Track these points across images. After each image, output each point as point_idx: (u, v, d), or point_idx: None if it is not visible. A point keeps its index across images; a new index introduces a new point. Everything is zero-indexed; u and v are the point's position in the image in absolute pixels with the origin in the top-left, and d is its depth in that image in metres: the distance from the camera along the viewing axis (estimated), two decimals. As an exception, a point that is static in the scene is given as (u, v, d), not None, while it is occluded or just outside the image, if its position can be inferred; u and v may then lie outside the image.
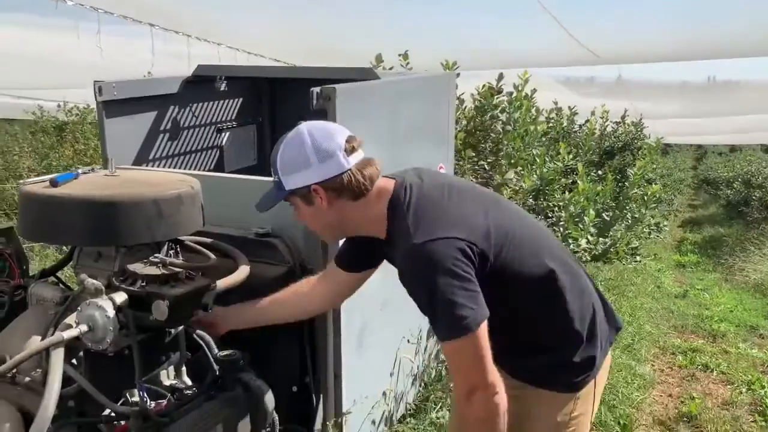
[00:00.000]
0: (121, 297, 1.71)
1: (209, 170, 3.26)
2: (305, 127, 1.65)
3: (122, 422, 1.69)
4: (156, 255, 1.86)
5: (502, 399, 1.57)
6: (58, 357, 1.57)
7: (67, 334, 1.60)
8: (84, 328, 1.64)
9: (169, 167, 3.01)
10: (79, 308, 1.68)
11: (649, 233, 6.81)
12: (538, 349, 1.75)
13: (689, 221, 15.25)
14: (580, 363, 1.73)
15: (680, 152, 23.38)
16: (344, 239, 1.92)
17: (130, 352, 1.71)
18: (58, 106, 9.06)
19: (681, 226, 14.32)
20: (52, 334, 1.64)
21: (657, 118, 10.38)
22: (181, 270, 1.83)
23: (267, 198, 1.75)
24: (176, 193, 1.88)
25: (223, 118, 3.39)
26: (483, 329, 1.53)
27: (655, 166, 8.60)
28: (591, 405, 1.81)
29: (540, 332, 1.74)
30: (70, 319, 1.70)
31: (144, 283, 1.76)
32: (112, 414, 1.69)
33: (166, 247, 2.10)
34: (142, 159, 2.85)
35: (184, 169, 3.12)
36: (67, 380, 1.67)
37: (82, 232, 1.78)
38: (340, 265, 1.95)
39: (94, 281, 1.69)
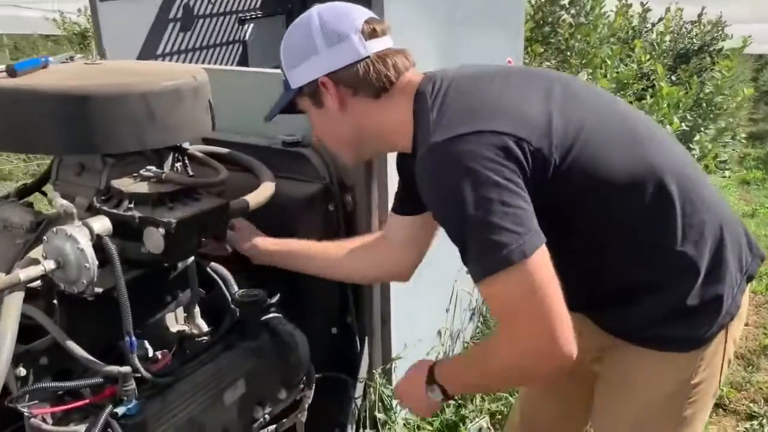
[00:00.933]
0: (100, 223, 1.28)
1: (230, 70, 2.78)
2: (316, 8, 1.31)
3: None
4: (149, 167, 1.41)
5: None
6: (12, 302, 1.17)
7: (25, 275, 1.19)
8: (50, 264, 1.22)
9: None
10: (45, 238, 1.26)
11: (724, 146, 6.14)
12: (634, 289, 1.26)
13: (750, 136, 14.31)
14: (699, 307, 1.24)
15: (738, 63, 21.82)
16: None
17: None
18: (78, 11, 8.61)
19: (742, 141, 13.45)
20: (19, 270, 1.24)
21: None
22: (182, 187, 1.39)
23: (275, 105, 1.38)
24: (173, 86, 1.41)
25: (246, 6, 2.90)
26: (538, 262, 1.07)
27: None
28: (720, 366, 1.33)
29: (635, 262, 1.25)
30: (37, 251, 1.29)
31: (132, 204, 1.33)
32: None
33: (171, 158, 1.66)
34: (147, 54, 2.38)
35: (200, 67, 2.64)
36: (41, 331, 1.29)
37: (45, 135, 1.33)
38: (398, 210, 1.51)
39: (64, 202, 1.26)
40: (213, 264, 1.65)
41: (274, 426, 1.72)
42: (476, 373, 1.25)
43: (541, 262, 1.08)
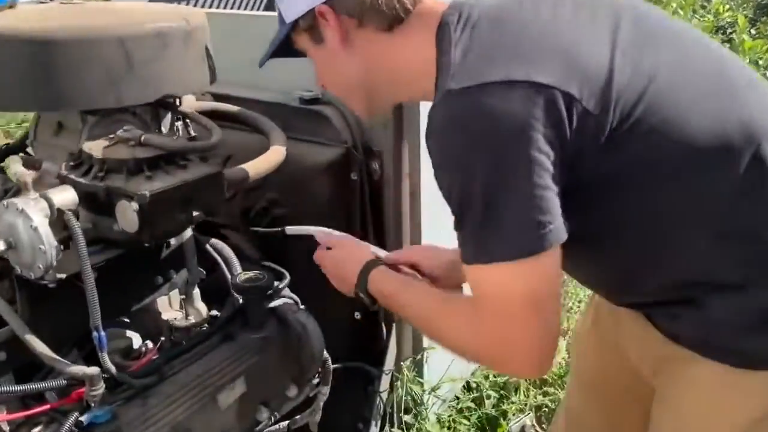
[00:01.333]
0: (62, 195, 1.07)
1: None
2: None
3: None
4: (127, 127, 1.18)
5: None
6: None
7: (-33, 256, 0.98)
8: (0, 245, 1.01)
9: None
10: (-4, 212, 1.05)
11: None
12: (707, 287, 0.96)
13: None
14: None
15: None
16: None
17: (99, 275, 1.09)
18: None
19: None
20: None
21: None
22: (165, 152, 1.16)
23: (269, 46, 1.11)
24: (155, 29, 1.17)
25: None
26: (554, 259, 0.89)
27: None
28: None
29: (711, 253, 0.94)
30: (-8, 227, 1.08)
31: (102, 173, 1.10)
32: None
33: (169, 116, 1.43)
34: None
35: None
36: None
37: (6, 86, 1.12)
38: None
39: (19, 169, 1.06)
40: (213, 241, 1.43)
41: (286, 423, 1.52)
42: (416, 314, 1.12)
43: (557, 260, 0.89)
